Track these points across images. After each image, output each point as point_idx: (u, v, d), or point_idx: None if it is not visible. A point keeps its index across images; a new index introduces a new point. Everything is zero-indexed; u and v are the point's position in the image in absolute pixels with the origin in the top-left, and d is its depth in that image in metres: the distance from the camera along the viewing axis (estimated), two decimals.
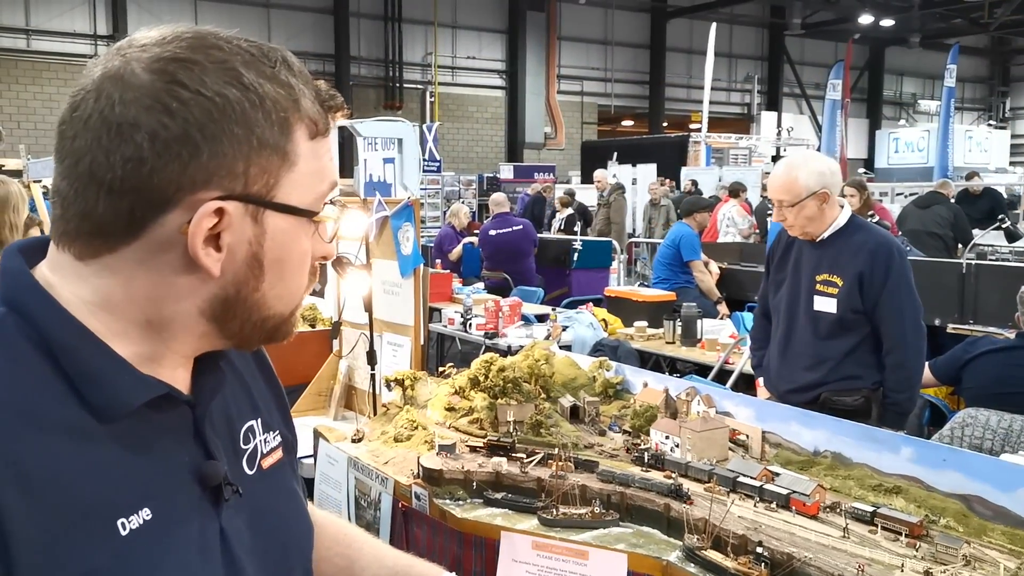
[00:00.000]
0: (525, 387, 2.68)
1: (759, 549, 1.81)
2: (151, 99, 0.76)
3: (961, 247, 8.65)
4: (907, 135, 24.06)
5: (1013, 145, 28.44)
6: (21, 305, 0.79)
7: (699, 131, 19.89)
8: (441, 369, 3.01)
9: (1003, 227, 8.52)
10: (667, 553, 1.94)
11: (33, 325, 0.78)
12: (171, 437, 0.84)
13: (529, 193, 16.42)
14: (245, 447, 0.95)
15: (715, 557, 1.85)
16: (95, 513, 0.75)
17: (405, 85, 23.05)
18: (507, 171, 20.42)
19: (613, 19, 26.36)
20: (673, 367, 5.34)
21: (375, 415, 2.97)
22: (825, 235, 3.28)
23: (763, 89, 29.48)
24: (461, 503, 2.21)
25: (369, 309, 3.09)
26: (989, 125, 29.37)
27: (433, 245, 9.55)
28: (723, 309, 7.08)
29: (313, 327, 4.13)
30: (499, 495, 2.20)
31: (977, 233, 8.73)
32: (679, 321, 5.53)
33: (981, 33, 29.09)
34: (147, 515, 0.78)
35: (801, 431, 2.35)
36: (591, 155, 20.35)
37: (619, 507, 2.12)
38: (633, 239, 12.85)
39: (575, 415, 2.70)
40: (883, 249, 3.19)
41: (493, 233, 8.80)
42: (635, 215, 14.93)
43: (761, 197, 12.36)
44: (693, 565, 1.87)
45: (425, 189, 15.25)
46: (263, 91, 0.80)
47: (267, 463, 0.98)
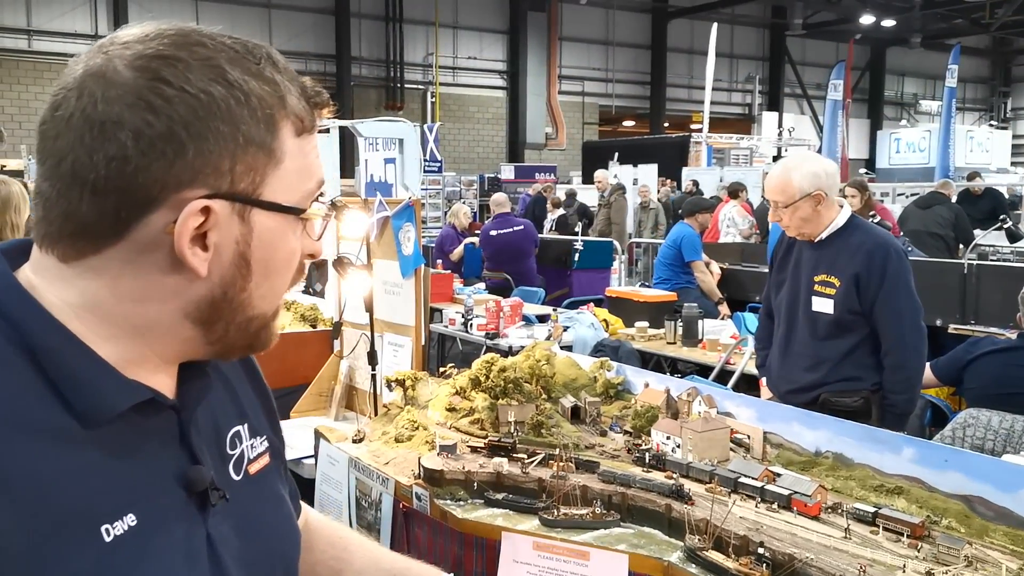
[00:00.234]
0: (526, 387, 2.68)
1: (760, 550, 1.81)
2: (134, 97, 0.75)
3: (962, 247, 8.64)
4: (908, 135, 24.05)
5: (1014, 145, 28.43)
6: (2, 307, 0.77)
7: (700, 131, 19.90)
8: (442, 369, 3.01)
9: (1004, 227, 8.51)
10: (668, 554, 1.94)
11: (15, 328, 0.76)
12: (156, 442, 0.83)
13: (530, 193, 16.44)
14: (232, 452, 0.94)
15: (716, 558, 1.85)
16: (78, 519, 0.73)
17: (406, 85, 23.07)
18: (508, 171, 20.43)
19: (614, 19, 26.38)
20: (674, 368, 5.34)
21: (376, 415, 2.97)
22: (823, 236, 3.27)
23: (764, 89, 29.49)
24: (462, 503, 2.21)
25: (370, 309, 3.09)
26: (990, 125, 29.35)
27: (434, 245, 9.55)
28: (724, 309, 7.07)
29: (314, 327, 4.12)
30: (500, 496, 2.20)
31: (978, 233, 8.72)
32: (680, 321, 5.53)
33: (982, 33, 29.12)
34: (132, 521, 0.76)
35: (802, 432, 2.35)
36: (592, 155, 20.35)
37: (620, 508, 2.12)
38: (634, 240, 12.85)
39: (576, 415, 2.70)
40: (880, 250, 3.18)
41: (494, 233, 8.80)
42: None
43: (762, 198, 12.34)
44: (694, 566, 1.87)
45: (426, 189, 15.24)
46: (248, 88, 0.79)
47: (254, 468, 0.96)
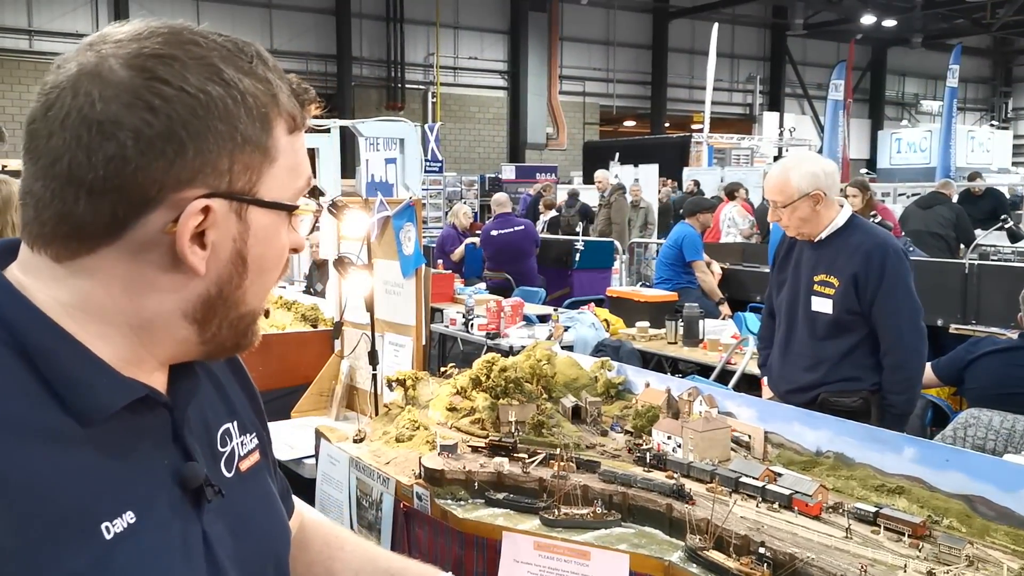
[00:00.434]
0: (527, 387, 2.68)
1: (761, 550, 1.81)
2: (132, 96, 0.75)
3: (963, 247, 8.63)
4: (909, 135, 24.01)
5: (1015, 145, 28.40)
6: None
7: (701, 131, 19.87)
8: (443, 369, 3.01)
9: (1005, 227, 8.48)
10: (669, 553, 1.94)
11: (7, 329, 0.75)
12: (150, 440, 0.83)
13: (531, 193, 16.44)
14: (223, 450, 0.94)
15: (717, 558, 1.85)
16: (77, 518, 0.73)
17: (407, 86, 23.07)
18: (509, 171, 20.42)
19: (615, 19, 26.37)
20: (675, 368, 5.33)
21: (376, 415, 2.97)
22: (823, 235, 3.27)
23: (765, 89, 29.48)
24: (463, 503, 2.21)
25: (371, 309, 3.09)
26: (991, 125, 29.31)
27: (435, 245, 9.55)
28: (725, 309, 7.07)
29: (315, 327, 4.12)
30: (501, 495, 2.20)
31: (979, 233, 8.71)
32: (681, 321, 5.53)
33: (983, 33, 29.09)
34: (131, 518, 0.77)
35: (803, 431, 2.35)
36: (593, 155, 20.32)
37: (621, 507, 2.12)
38: (635, 239, 12.83)
39: (577, 415, 2.69)
40: (878, 250, 3.17)
41: (495, 233, 8.80)
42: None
43: (762, 198, 12.33)
44: (695, 566, 1.87)
45: (427, 189, 15.24)
46: (243, 87, 0.79)
47: (245, 466, 0.97)
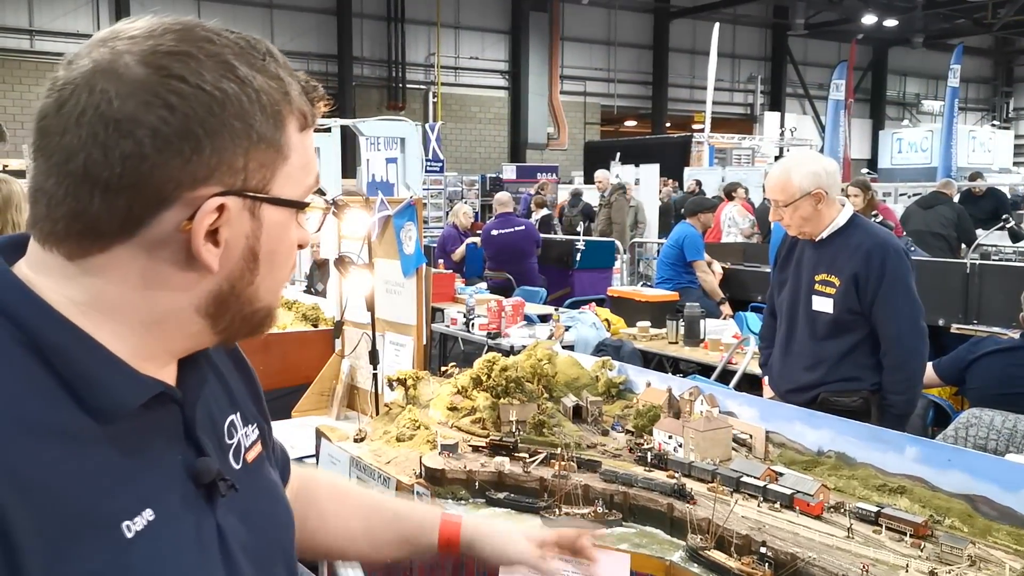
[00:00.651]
0: (528, 387, 2.67)
1: (763, 549, 1.81)
2: (150, 94, 0.74)
3: (965, 247, 8.62)
4: (910, 135, 24.00)
5: (1017, 145, 28.37)
6: (6, 308, 0.76)
7: (702, 131, 19.86)
8: (443, 369, 3.01)
9: (1007, 227, 8.46)
10: (670, 553, 1.94)
11: (22, 328, 0.75)
12: (163, 436, 0.83)
13: (531, 193, 16.42)
14: (230, 442, 0.94)
15: (718, 557, 1.84)
16: (98, 518, 0.74)
17: (408, 85, 23.06)
18: (510, 171, 20.39)
19: (616, 19, 26.36)
20: (676, 367, 5.33)
21: (377, 415, 2.97)
22: (824, 235, 3.26)
23: (766, 89, 29.46)
24: (463, 503, 2.21)
25: (371, 309, 3.09)
26: (993, 125, 29.31)
27: (436, 245, 9.55)
28: (726, 309, 7.06)
29: (316, 327, 4.12)
30: (501, 495, 2.20)
31: (981, 233, 8.69)
32: (682, 321, 5.52)
33: (985, 33, 29.05)
34: (150, 516, 0.77)
35: (805, 431, 2.34)
36: (594, 155, 20.29)
37: (622, 507, 2.11)
38: (636, 239, 12.82)
39: (578, 415, 2.69)
40: (879, 250, 3.17)
41: (495, 233, 8.79)
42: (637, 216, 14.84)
43: (763, 198, 12.33)
44: (696, 565, 1.87)
45: (428, 189, 15.22)
46: (257, 84, 0.79)
47: (251, 456, 0.97)
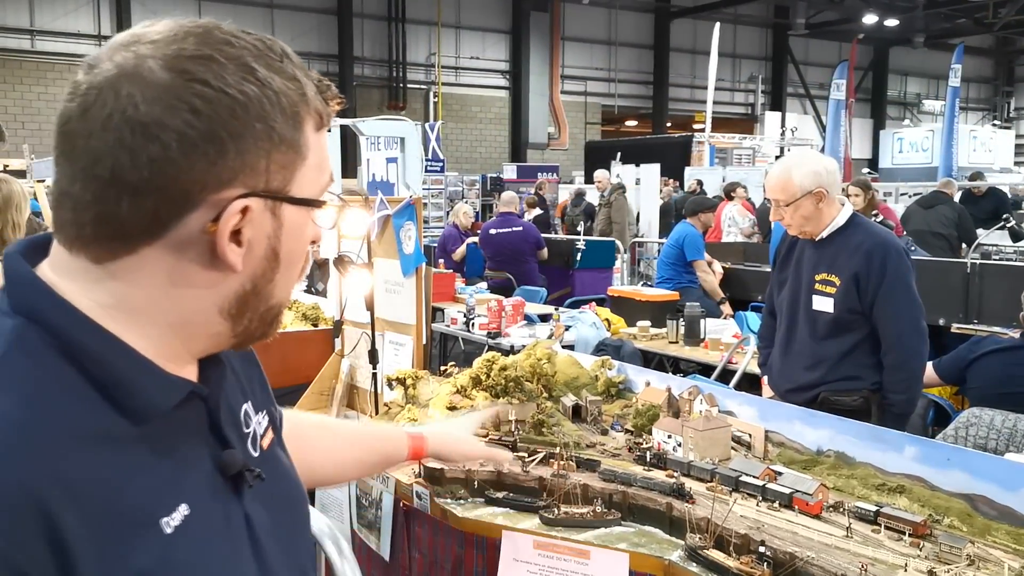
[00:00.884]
0: (527, 386, 2.67)
1: (761, 549, 1.81)
2: (175, 98, 0.76)
3: (965, 247, 8.62)
4: (911, 135, 23.98)
5: (1018, 145, 28.34)
6: (38, 314, 0.77)
7: (703, 131, 19.85)
8: (443, 368, 3.01)
9: (1007, 227, 8.45)
10: (669, 552, 1.94)
11: (54, 334, 0.76)
12: (191, 432, 0.86)
13: (529, 193, 16.40)
14: (246, 431, 0.96)
15: (717, 557, 1.84)
16: (140, 516, 0.76)
17: (409, 85, 23.07)
18: (511, 171, 20.38)
19: (617, 19, 26.36)
20: (676, 367, 5.33)
21: (377, 414, 2.97)
22: (825, 234, 3.26)
23: (767, 89, 29.45)
24: (462, 502, 2.21)
25: (371, 308, 3.09)
26: (994, 125, 29.28)
27: (437, 245, 9.55)
28: (727, 309, 7.06)
29: (315, 326, 4.12)
30: (501, 494, 2.20)
31: (981, 233, 8.69)
32: (682, 321, 5.52)
33: (986, 33, 29.03)
34: (185, 511, 0.79)
35: (804, 430, 2.34)
36: (595, 155, 20.29)
37: (621, 506, 2.11)
38: (637, 239, 12.82)
39: (577, 414, 2.69)
40: (879, 249, 3.16)
41: (493, 232, 8.77)
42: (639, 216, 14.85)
43: (764, 198, 12.32)
44: (695, 565, 1.87)
45: (429, 189, 15.23)
46: (276, 86, 0.81)
47: (266, 443, 1.00)
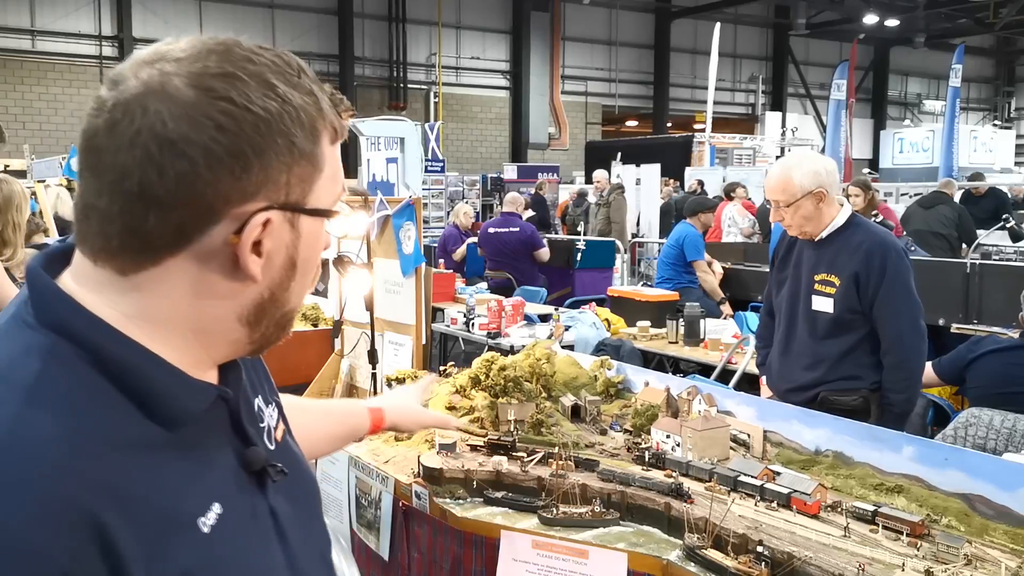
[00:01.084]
0: (526, 386, 2.67)
1: (760, 548, 1.81)
2: (201, 115, 0.78)
3: (965, 247, 8.61)
4: (912, 135, 23.99)
5: (1018, 145, 28.32)
6: (69, 328, 0.79)
7: (703, 131, 19.85)
8: (442, 368, 3.01)
9: (1007, 227, 8.46)
10: (667, 552, 1.94)
11: (86, 348, 0.79)
12: (217, 432, 0.89)
13: (531, 193, 16.41)
14: (261, 426, 0.99)
15: (715, 556, 1.85)
16: (180, 518, 0.78)
17: (409, 86, 23.07)
18: (511, 171, 20.37)
19: (617, 19, 26.36)
20: (676, 367, 5.33)
21: None
22: (824, 234, 3.26)
23: (767, 89, 29.45)
24: (461, 502, 2.21)
25: (370, 308, 3.09)
26: (994, 125, 29.29)
27: (437, 245, 9.55)
28: (727, 309, 7.06)
29: (315, 326, 4.13)
30: (499, 494, 2.20)
31: (981, 233, 8.69)
32: (682, 321, 5.52)
33: (986, 33, 29.02)
34: (219, 510, 0.82)
35: (802, 430, 2.35)
36: (595, 155, 20.29)
37: (619, 506, 2.12)
38: (637, 239, 12.82)
39: (576, 414, 2.70)
40: (879, 249, 3.17)
41: (491, 231, 8.75)
42: (640, 216, 14.85)
43: (764, 199, 12.32)
44: (693, 564, 1.87)
45: (429, 189, 15.23)
46: (296, 102, 0.83)
47: (279, 434, 1.02)
